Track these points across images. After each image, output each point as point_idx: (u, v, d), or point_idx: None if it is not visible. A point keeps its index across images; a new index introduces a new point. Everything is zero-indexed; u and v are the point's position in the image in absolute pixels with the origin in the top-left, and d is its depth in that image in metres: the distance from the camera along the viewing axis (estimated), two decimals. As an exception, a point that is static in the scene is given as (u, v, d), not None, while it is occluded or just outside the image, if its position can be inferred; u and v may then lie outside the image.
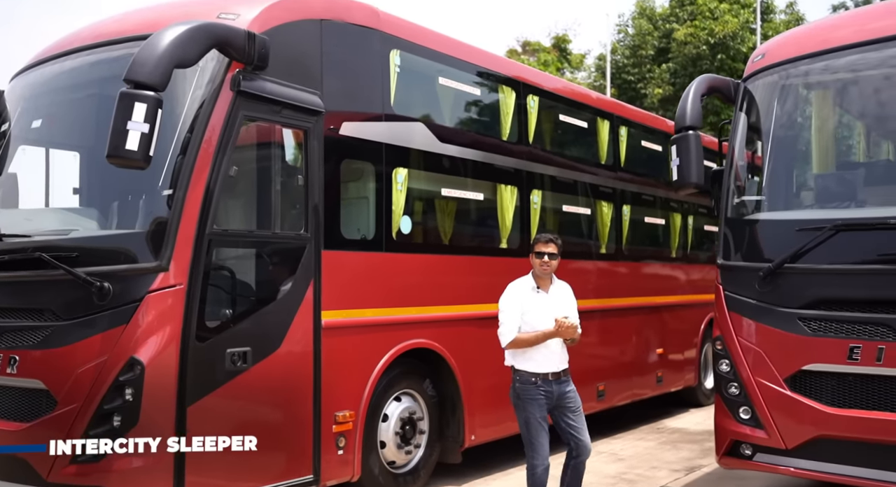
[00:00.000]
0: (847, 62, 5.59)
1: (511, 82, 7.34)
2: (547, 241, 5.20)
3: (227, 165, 4.82)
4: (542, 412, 5.11)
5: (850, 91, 5.84)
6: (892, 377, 4.81)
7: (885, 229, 4.98)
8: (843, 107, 5.96)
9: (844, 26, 5.94)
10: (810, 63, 5.69)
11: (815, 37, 5.92)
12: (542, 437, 5.09)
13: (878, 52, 5.45)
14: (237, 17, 5.04)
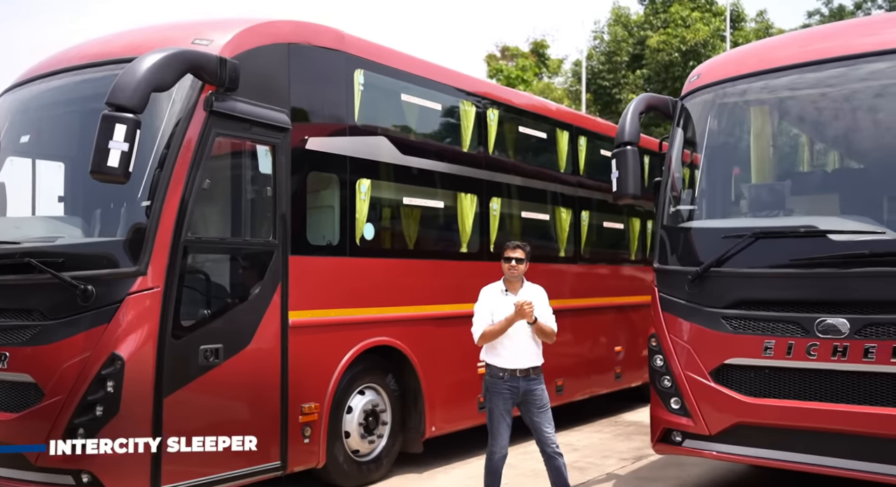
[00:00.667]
0: (770, 84, 6.14)
1: (471, 96, 7.85)
2: (514, 247, 5.67)
3: (201, 179, 5.30)
4: (505, 405, 5.56)
5: (773, 110, 6.39)
6: (800, 369, 5.35)
7: (795, 237, 5.54)
8: (767, 125, 6.49)
9: (770, 52, 6.48)
10: (737, 84, 6.22)
11: (743, 61, 6.47)
12: (502, 428, 5.55)
13: (796, 76, 6.00)
14: (210, 42, 5.52)
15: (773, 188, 6.30)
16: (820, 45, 6.08)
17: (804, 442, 5.36)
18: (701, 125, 6.36)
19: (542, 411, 5.62)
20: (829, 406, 5.25)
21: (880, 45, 5.63)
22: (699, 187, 6.29)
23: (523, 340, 5.55)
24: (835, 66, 5.83)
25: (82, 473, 4.95)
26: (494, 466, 5.62)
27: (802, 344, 5.33)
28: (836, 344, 5.21)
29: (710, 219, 6.16)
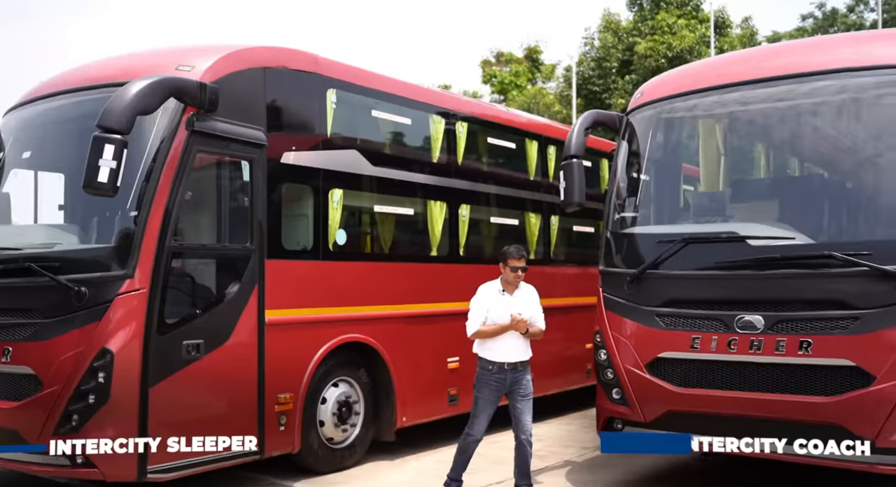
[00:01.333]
0: (705, 101, 6.73)
1: (439, 110, 8.44)
2: (519, 257, 6.25)
3: (184, 191, 5.91)
4: (492, 395, 6.13)
5: (707, 124, 6.98)
6: (722, 361, 5.93)
7: (719, 242, 6.13)
8: (700, 139, 7.08)
9: (703, 72, 7.08)
10: (673, 101, 6.83)
11: (680, 80, 7.06)
12: (482, 415, 6.13)
13: (726, 95, 6.59)
14: (192, 68, 6.13)
15: (703, 197, 6.92)
16: (740, 67, 6.70)
17: (727, 428, 5.92)
18: (643, 138, 6.95)
19: (525, 399, 6.18)
20: (748, 395, 5.83)
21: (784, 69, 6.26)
22: (640, 196, 6.88)
23: (513, 336, 6.11)
24: (754, 87, 6.43)
25: (76, 456, 5.53)
26: (467, 446, 6.19)
27: (724, 338, 5.91)
28: (753, 339, 5.79)
29: (647, 225, 6.75)
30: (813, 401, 5.57)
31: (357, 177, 7.46)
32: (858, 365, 5.44)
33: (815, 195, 6.36)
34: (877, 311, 5.43)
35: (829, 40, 9.14)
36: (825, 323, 5.59)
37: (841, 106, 6.16)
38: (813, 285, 5.71)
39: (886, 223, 5.87)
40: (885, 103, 6.04)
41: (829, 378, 5.55)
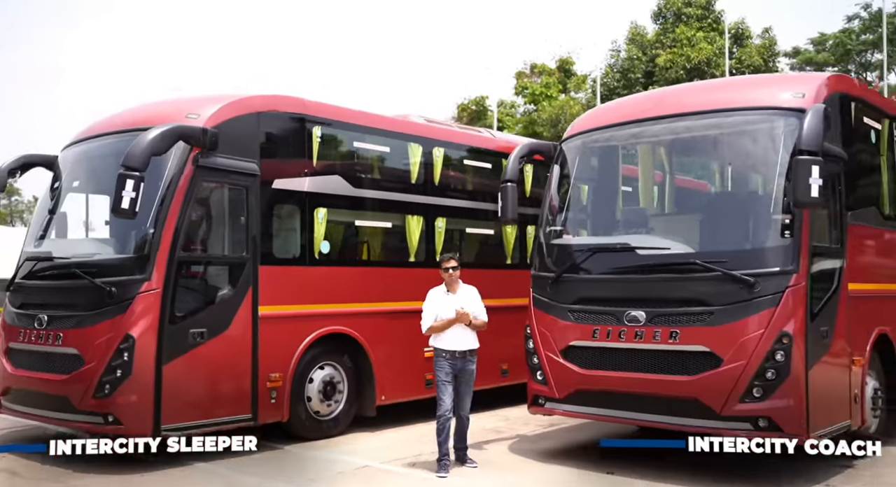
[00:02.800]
0: (613, 134, 8.16)
1: (412, 138, 9.99)
2: (449, 259, 7.73)
3: (190, 213, 7.62)
4: (447, 377, 7.53)
5: (614, 152, 8.39)
6: (614, 348, 7.33)
7: (615, 251, 7.57)
8: (612, 166, 8.50)
9: (615, 110, 8.51)
10: (592, 134, 8.26)
11: (600, 116, 8.51)
12: (445, 395, 7.48)
13: (636, 128, 8.01)
14: (198, 116, 7.83)
15: (611, 214, 8.33)
16: (639, 107, 8.11)
17: (619, 401, 7.35)
18: (571, 164, 8.38)
19: (467, 385, 7.57)
20: (634, 375, 7.23)
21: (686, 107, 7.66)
22: (564, 212, 8.32)
23: (460, 328, 7.50)
24: (657, 122, 7.85)
25: (108, 415, 7.31)
26: (442, 425, 7.58)
27: (616, 330, 7.33)
28: (637, 330, 7.20)
29: (566, 237, 8.19)
30: (679, 379, 6.95)
31: (339, 197, 9.08)
32: (712, 351, 6.82)
33: (687, 214, 7.78)
34: (726, 308, 6.81)
35: (709, 85, 10.40)
36: (689, 317, 6.97)
37: (707, 140, 7.57)
38: (682, 286, 7.11)
39: (738, 238, 7.24)
40: (739, 139, 7.42)
41: (691, 361, 6.93)
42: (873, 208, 8.42)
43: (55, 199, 8.80)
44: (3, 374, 8.42)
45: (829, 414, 7.02)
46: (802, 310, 6.70)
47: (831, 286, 7.23)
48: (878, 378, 8.20)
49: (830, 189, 7.46)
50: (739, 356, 6.68)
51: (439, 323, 7.50)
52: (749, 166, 7.72)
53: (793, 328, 6.63)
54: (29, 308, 8.22)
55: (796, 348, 6.62)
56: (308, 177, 8.75)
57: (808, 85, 7.42)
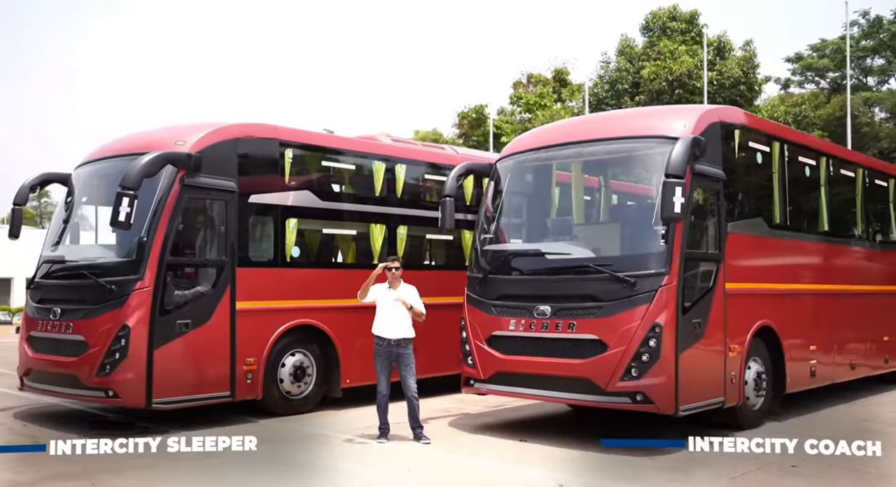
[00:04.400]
0: (533, 156, 9.64)
1: (378, 156, 11.52)
2: (393, 260, 9.22)
3: (177, 224, 9.20)
4: (382, 362, 8.98)
5: (531, 172, 9.86)
6: (526, 337, 8.79)
7: (529, 256, 9.07)
8: (535, 182, 9.97)
9: (537, 135, 9.99)
10: (518, 156, 9.75)
11: (528, 140, 9.99)
12: (382, 377, 8.93)
13: (553, 152, 9.49)
14: (185, 142, 9.41)
15: (530, 226, 9.81)
16: (552, 134, 9.59)
17: (530, 381, 8.81)
18: (502, 181, 9.85)
19: (407, 368, 8.97)
20: (541, 359, 8.68)
21: (588, 134, 9.14)
22: (495, 222, 9.79)
23: (396, 319, 8.93)
24: (569, 147, 9.33)
25: (109, 390, 8.90)
26: (380, 402, 9.09)
27: (528, 322, 8.80)
28: (544, 322, 8.66)
29: (494, 244, 9.66)
30: (575, 362, 8.41)
31: (308, 209, 10.62)
32: (600, 339, 8.27)
33: (590, 224, 9.25)
34: (612, 303, 8.27)
35: (615, 115, 11.81)
36: (584, 311, 8.44)
37: (605, 162, 9.05)
38: (579, 285, 8.58)
39: (625, 245, 8.71)
40: (630, 161, 8.90)
41: (584, 347, 8.39)
42: (759, 219, 9.84)
43: (68, 211, 10.43)
44: (25, 358, 10.06)
45: (700, 392, 8.46)
46: (674, 305, 8.14)
47: (707, 285, 8.67)
48: (764, 363, 9.63)
49: (710, 203, 8.94)
50: (621, 342, 8.14)
51: (366, 283, 8.88)
52: (637, 185, 9.21)
53: (664, 319, 8.07)
54: (46, 302, 9.84)
55: (667, 336, 8.07)
56: (280, 192, 10.31)
57: (691, 116, 8.85)
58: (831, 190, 11.62)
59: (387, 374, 8.92)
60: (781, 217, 10.23)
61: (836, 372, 11.37)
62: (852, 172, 12.42)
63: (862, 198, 12.50)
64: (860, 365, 11.95)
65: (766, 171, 10.06)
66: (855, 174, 12.46)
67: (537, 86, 33.68)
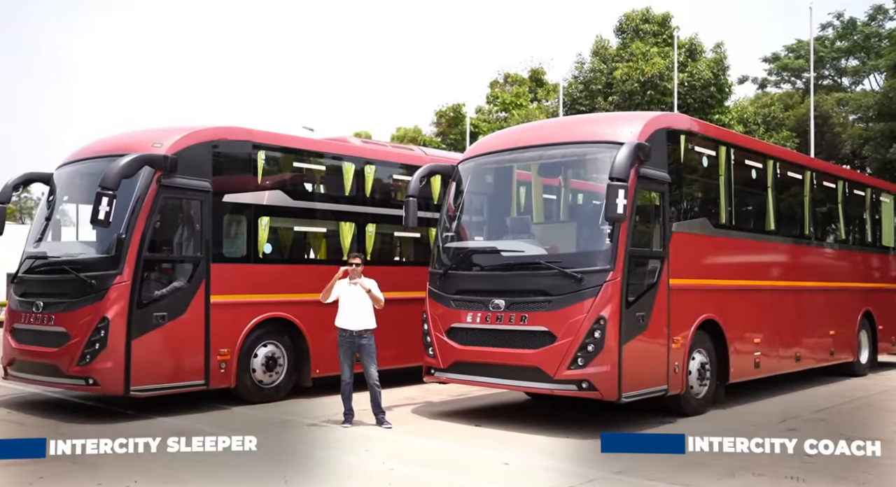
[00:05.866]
0: (490, 159, 10.23)
1: (345, 156, 12.08)
2: (354, 256, 9.80)
3: (154, 222, 9.72)
4: (345, 352, 9.57)
5: (497, 175, 10.47)
6: (482, 329, 9.38)
7: (486, 253, 9.67)
8: (495, 183, 10.57)
9: (494, 139, 10.60)
10: (477, 159, 10.34)
11: (487, 142, 10.58)
12: (345, 366, 9.52)
13: (512, 155, 10.08)
14: (162, 145, 9.93)
15: (489, 223, 10.43)
16: (509, 138, 10.21)
17: (486, 370, 9.40)
18: (463, 182, 10.42)
19: (369, 357, 9.58)
20: (495, 350, 9.26)
21: (538, 139, 9.75)
22: (455, 220, 10.37)
23: (358, 311, 9.55)
24: (526, 150, 9.93)
25: (89, 378, 9.43)
26: (344, 389, 9.66)
27: (484, 314, 9.39)
28: (499, 315, 9.26)
29: (455, 241, 10.23)
30: (526, 352, 9.00)
31: (281, 208, 11.18)
32: (549, 330, 8.88)
33: (544, 223, 9.89)
34: (561, 297, 8.87)
35: (571, 120, 12.50)
36: (535, 304, 9.04)
37: (559, 165, 9.69)
38: (531, 280, 9.18)
39: (574, 243, 9.34)
40: (581, 165, 9.52)
41: (535, 338, 8.98)
42: (704, 219, 10.48)
43: (50, 209, 10.94)
44: (8, 349, 10.57)
45: (643, 380, 9.09)
46: (617, 299, 8.75)
47: (651, 281, 9.30)
48: (708, 355, 10.27)
49: (656, 204, 9.57)
50: (568, 334, 8.74)
51: (329, 285, 9.44)
52: (587, 187, 9.82)
53: (608, 312, 8.68)
54: (28, 296, 10.35)
55: (611, 328, 8.68)
56: (253, 192, 10.85)
57: (637, 123, 9.46)
58: (778, 191, 12.29)
59: (350, 363, 9.48)
60: (727, 217, 10.88)
61: (781, 364, 12.04)
62: (800, 175, 13.09)
63: (810, 199, 13.17)
64: (805, 358, 12.64)
65: (712, 174, 10.70)
66: (802, 176, 13.13)
67: (514, 85, 34.39)
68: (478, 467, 7.36)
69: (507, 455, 7.77)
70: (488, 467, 7.34)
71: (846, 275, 14.21)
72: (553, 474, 7.02)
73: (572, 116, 15.72)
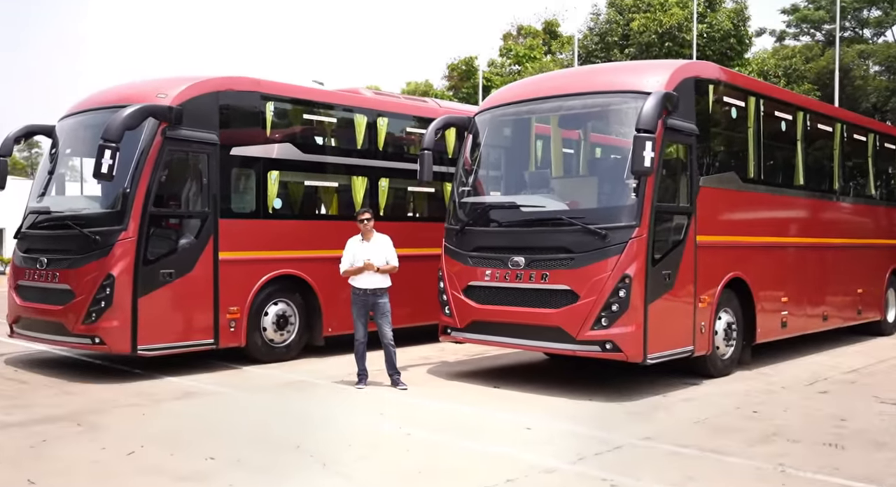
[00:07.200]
0: (515, 109, 9.76)
1: (360, 109, 11.63)
2: (364, 212, 9.44)
3: (160, 176, 9.33)
4: (359, 310, 9.29)
5: (516, 127, 10.01)
6: (501, 287, 9.02)
7: (504, 208, 9.25)
8: (513, 136, 10.12)
9: (513, 89, 10.11)
10: (495, 110, 9.88)
11: (502, 95, 10.10)
12: (359, 324, 9.25)
13: (531, 105, 9.61)
14: (167, 95, 9.50)
15: (508, 177, 9.98)
16: (528, 88, 9.72)
17: (504, 330, 9.06)
18: (480, 135, 9.98)
19: (383, 317, 9.29)
20: (515, 309, 8.92)
21: (556, 90, 9.27)
22: (472, 174, 9.96)
23: (371, 272, 9.30)
24: (547, 101, 9.47)
25: (95, 337, 9.15)
26: (358, 349, 9.40)
27: (503, 272, 9.03)
28: (518, 272, 8.89)
29: (472, 196, 9.83)
30: (547, 312, 8.65)
31: (291, 162, 10.77)
32: (571, 289, 8.51)
33: (566, 177, 9.45)
34: (584, 254, 8.48)
35: (593, 69, 11.79)
36: (556, 261, 8.65)
37: (581, 116, 9.21)
38: (552, 237, 8.79)
39: (598, 198, 8.91)
40: (605, 116, 9.05)
41: (556, 297, 8.61)
42: (732, 173, 10.03)
43: (53, 162, 10.56)
44: (13, 306, 10.29)
45: (669, 341, 8.73)
46: (643, 257, 8.35)
47: (678, 237, 8.89)
48: (735, 314, 9.91)
49: (683, 158, 9.12)
50: (592, 292, 8.37)
51: (352, 268, 9.12)
52: (612, 139, 9.36)
53: (633, 270, 8.29)
54: (32, 252, 10.03)
55: (636, 286, 8.30)
56: (262, 145, 10.44)
57: (664, 72, 8.96)
58: (808, 144, 11.80)
59: (363, 322, 9.20)
60: (755, 171, 10.42)
61: (808, 324, 11.67)
62: (830, 127, 12.57)
63: (840, 152, 12.68)
64: (832, 317, 12.26)
65: (741, 126, 10.22)
66: (833, 129, 12.62)
67: (527, 38, 33.53)
68: (498, 432, 7.05)
69: (527, 418, 7.47)
70: (509, 432, 7.03)
71: (874, 232, 13.75)
72: (577, 440, 6.70)
73: (594, 65, 15.15)
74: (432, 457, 6.25)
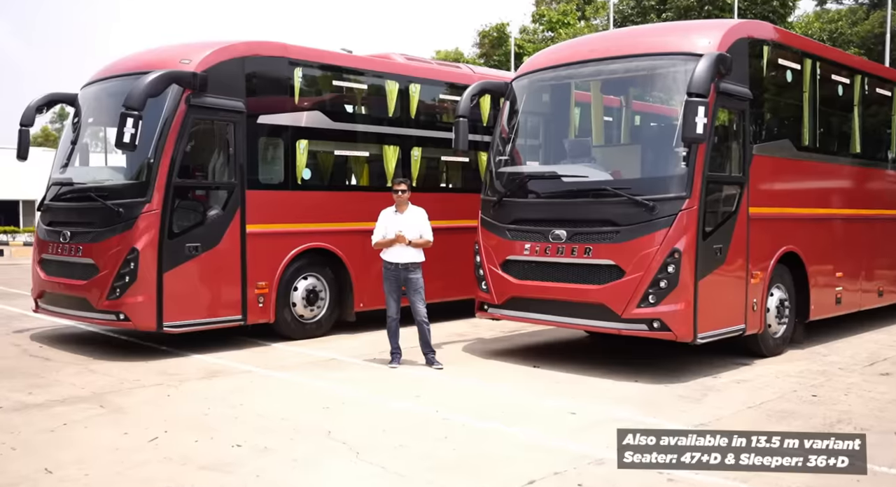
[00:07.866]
0: (556, 75, 9.22)
1: (391, 75, 11.13)
2: (399, 182, 9.00)
3: (184, 145, 8.95)
4: (391, 285, 8.91)
5: (555, 93, 9.46)
6: (541, 262, 8.57)
7: (544, 178, 8.75)
8: (553, 102, 9.57)
9: (559, 53, 9.54)
10: (535, 75, 9.34)
11: (545, 58, 9.54)
12: (391, 300, 8.85)
13: (572, 70, 9.06)
14: (190, 61, 9.08)
15: (547, 146, 9.47)
16: (582, 49, 9.14)
17: (545, 307, 8.62)
18: (518, 101, 9.46)
19: (416, 293, 8.87)
20: (556, 285, 8.47)
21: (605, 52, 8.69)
22: (510, 143, 9.45)
23: (403, 245, 8.88)
24: (588, 64, 8.90)
25: (119, 313, 8.84)
26: (390, 327, 9.03)
27: (543, 246, 8.56)
28: (560, 246, 8.42)
29: (509, 166, 9.33)
30: (591, 288, 8.19)
31: (319, 130, 10.33)
32: (617, 264, 8.03)
33: (609, 146, 8.90)
34: (629, 227, 7.98)
35: (637, 30, 11.16)
36: (600, 235, 8.17)
37: (626, 81, 8.64)
38: (596, 209, 8.29)
39: (645, 167, 8.37)
40: (652, 80, 8.47)
41: (601, 273, 8.15)
42: (786, 140, 9.43)
43: (76, 132, 10.22)
44: (38, 280, 10.04)
45: (720, 319, 8.24)
46: (694, 230, 7.84)
47: (730, 209, 8.35)
48: (787, 290, 9.37)
49: (735, 124, 8.55)
50: (638, 268, 7.89)
51: (384, 240, 8.71)
52: (659, 105, 8.79)
53: (683, 245, 7.79)
54: (56, 225, 9.73)
55: (686, 261, 7.80)
56: (290, 113, 10.01)
57: (716, 32, 8.36)
58: (865, 110, 11.13)
59: (396, 297, 8.81)
60: (811, 138, 9.81)
61: (863, 300, 11.08)
62: (889, 92, 11.87)
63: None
64: (888, 292, 11.65)
65: (796, 90, 9.60)
66: (892, 93, 11.91)
67: (560, 3, 32.62)
68: (540, 417, 6.63)
69: (570, 402, 7.04)
70: (552, 417, 6.61)
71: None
72: (626, 426, 6.25)
73: (639, 26, 14.47)
74: (472, 445, 5.86)
